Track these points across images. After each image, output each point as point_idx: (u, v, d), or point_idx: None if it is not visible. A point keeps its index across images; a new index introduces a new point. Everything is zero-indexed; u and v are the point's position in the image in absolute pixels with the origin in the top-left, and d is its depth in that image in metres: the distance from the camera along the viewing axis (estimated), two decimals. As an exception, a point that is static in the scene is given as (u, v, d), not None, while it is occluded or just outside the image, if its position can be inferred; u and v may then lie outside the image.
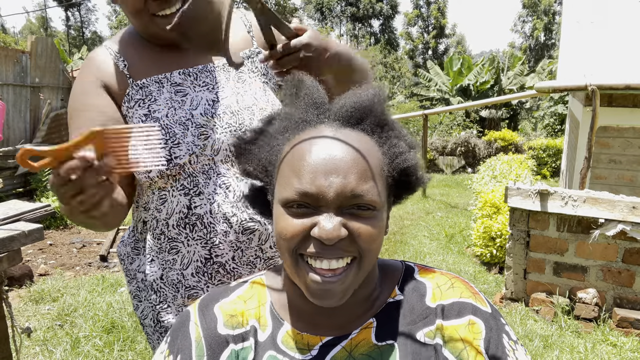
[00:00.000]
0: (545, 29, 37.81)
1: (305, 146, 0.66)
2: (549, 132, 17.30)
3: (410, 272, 0.79)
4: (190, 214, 1.03)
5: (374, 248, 0.66)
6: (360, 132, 0.69)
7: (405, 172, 0.71)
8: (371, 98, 0.71)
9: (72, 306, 3.38)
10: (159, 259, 1.07)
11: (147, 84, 1.06)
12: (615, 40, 5.69)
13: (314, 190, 0.62)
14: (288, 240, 0.65)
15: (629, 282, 3.30)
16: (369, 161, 0.65)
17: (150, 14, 1.00)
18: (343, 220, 0.63)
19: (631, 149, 5.02)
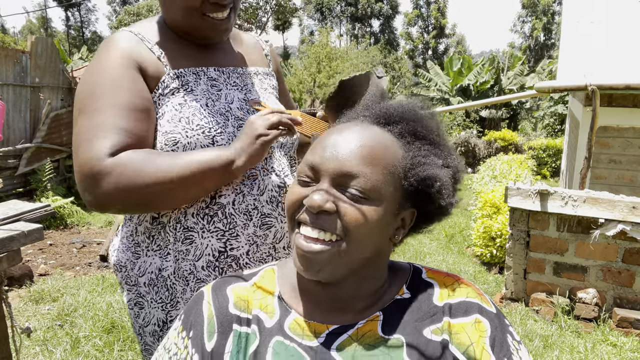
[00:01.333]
0: (544, 29, 37.80)
1: (330, 131, 0.75)
2: (549, 132, 17.29)
3: (418, 273, 0.81)
4: (213, 203, 1.04)
5: (360, 234, 0.68)
6: (386, 132, 0.74)
7: (425, 182, 0.72)
8: (408, 107, 0.78)
9: (72, 306, 3.38)
10: (174, 250, 1.06)
11: (184, 74, 1.07)
12: (615, 40, 5.69)
13: (318, 160, 0.70)
14: (288, 206, 0.72)
15: (629, 282, 3.30)
16: (374, 152, 0.69)
17: (202, 13, 1.03)
18: (335, 196, 0.68)
19: (631, 149, 5.02)
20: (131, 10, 29.45)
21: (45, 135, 7.11)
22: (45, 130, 7.12)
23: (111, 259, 1.18)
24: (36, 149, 6.98)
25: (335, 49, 18.78)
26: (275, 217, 1.08)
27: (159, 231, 1.08)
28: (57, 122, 7.35)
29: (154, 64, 1.05)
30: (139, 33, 1.07)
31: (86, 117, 0.97)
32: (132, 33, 1.07)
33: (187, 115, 1.02)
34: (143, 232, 1.10)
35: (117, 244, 1.17)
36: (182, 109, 1.03)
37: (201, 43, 1.12)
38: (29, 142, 6.95)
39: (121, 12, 33.35)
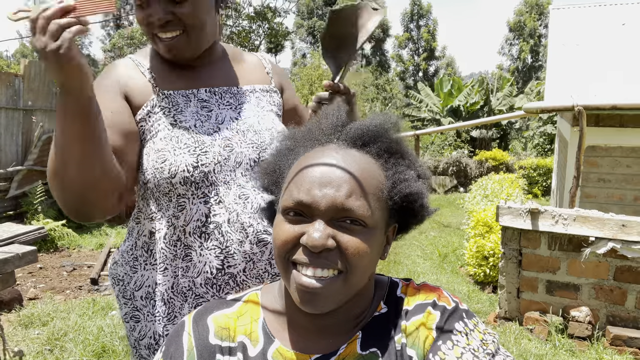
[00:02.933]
0: (531, 52, 38.55)
1: (309, 160, 0.71)
2: (539, 151, 17.48)
3: (395, 288, 0.82)
4: (209, 222, 1.06)
5: (361, 265, 0.68)
6: (365, 154, 0.73)
7: (408, 198, 0.73)
8: (381, 125, 0.76)
9: (62, 330, 3.32)
10: (173, 266, 1.09)
11: (173, 95, 1.11)
12: (600, 61, 5.83)
13: (309, 199, 0.67)
14: (280, 246, 0.69)
15: (621, 300, 3.32)
16: (364, 180, 0.69)
17: (152, 34, 1.08)
18: (333, 232, 0.66)
19: (619, 167, 5.10)
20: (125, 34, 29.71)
21: (37, 158, 7.08)
22: (37, 152, 7.10)
23: (109, 273, 1.20)
24: (27, 172, 6.94)
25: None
26: (270, 234, 1.09)
27: (158, 247, 1.11)
28: (49, 145, 7.30)
29: (144, 86, 1.11)
30: (136, 59, 1.15)
31: None
32: (131, 59, 1.15)
33: (177, 135, 1.07)
34: (142, 246, 1.14)
35: (117, 257, 1.20)
36: (173, 129, 1.08)
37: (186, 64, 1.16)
38: (20, 164, 6.92)
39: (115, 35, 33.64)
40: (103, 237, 7.13)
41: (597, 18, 6.78)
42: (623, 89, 5.11)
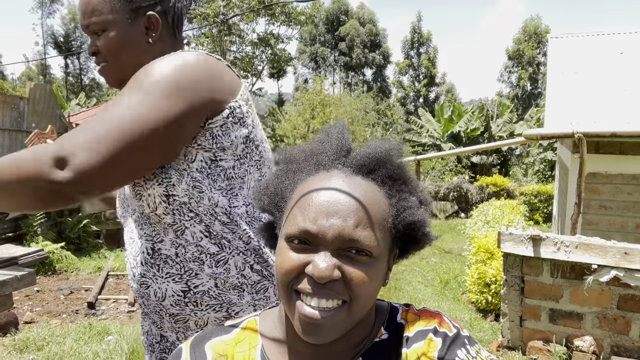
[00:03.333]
0: (530, 79, 39.00)
1: (314, 186, 0.70)
2: (539, 177, 17.50)
3: (395, 313, 0.81)
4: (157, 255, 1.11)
5: (366, 294, 0.68)
6: (370, 181, 0.72)
7: (411, 226, 0.73)
8: (386, 151, 0.74)
9: (58, 355, 3.27)
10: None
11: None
12: (599, 89, 5.90)
13: (315, 229, 0.65)
14: (284, 274, 0.67)
15: (625, 330, 3.27)
16: (371, 210, 0.68)
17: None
18: (338, 262, 0.65)
19: (621, 195, 5.09)
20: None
21: (38, 180, 7.10)
22: (39, 174, 7.12)
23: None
24: (28, 193, 6.94)
25: (329, 96, 19.18)
26: (150, 279, 1.11)
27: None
28: (51, 167, 7.36)
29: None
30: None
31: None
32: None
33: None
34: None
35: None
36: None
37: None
38: (21, 186, 6.92)
39: (120, 59, 34.02)
40: (102, 260, 7.09)
41: (596, 47, 6.89)
42: (622, 117, 5.15)
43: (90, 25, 1.10)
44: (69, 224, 7.53)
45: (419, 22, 41.82)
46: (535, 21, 39.10)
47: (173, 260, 1.06)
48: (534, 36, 38.39)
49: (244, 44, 20.77)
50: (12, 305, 1.36)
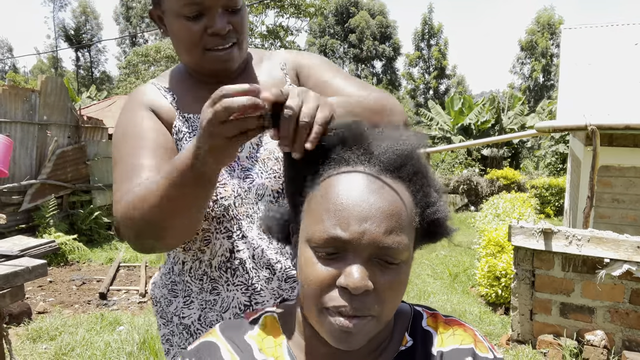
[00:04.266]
0: (543, 71, 38.53)
1: (340, 186, 0.64)
2: (551, 170, 17.33)
3: (418, 319, 0.79)
4: (233, 257, 1.02)
5: (395, 302, 0.66)
6: (397, 179, 0.67)
7: (435, 223, 0.70)
8: (414, 145, 0.69)
9: (70, 345, 3.31)
10: (199, 299, 1.05)
11: (193, 119, 1.07)
12: (613, 81, 5.80)
13: (347, 236, 0.61)
14: (314, 288, 0.63)
15: (637, 324, 3.23)
16: (402, 213, 0.64)
17: (203, 48, 1.01)
18: (370, 271, 0.62)
19: (634, 188, 5.02)
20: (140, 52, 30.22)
21: (50, 172, 7.18)
22: (51, 166, 7.19)
23: (149, 291, 1.17)
24: (41, 186, 7.03)
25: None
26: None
27: (186, 278, 1.07)
28: (63, 159, 7.44)
29: (167, 109, 1.07)
30: (157, 83, 1.12)
31: (116, 166, 1.00)
32: (152, 84, 1.12)
33: None
34: (178, 273, 1.10)
35: (157, 279, 1.16)
36: None
37: (214, 82, 1.08)
38: (34, 178, 7.01)
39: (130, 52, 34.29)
40: (113, 251, 7.17)
41: (609, 38, 6.77)
42: (636, 109, 5.06)
43: (236, 0, 1.00)
44: (80, 215, 7.61)
45: (430, 14, 41.43)
46: (548, 12, 38.54)
47: None
48: (548, 27, 37.86)
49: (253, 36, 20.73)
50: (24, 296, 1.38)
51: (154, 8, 1.07)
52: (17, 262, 1.27)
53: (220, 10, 0.99)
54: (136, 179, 0.94)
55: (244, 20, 1.04)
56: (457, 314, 4.37)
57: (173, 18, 1.00)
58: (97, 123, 8.27)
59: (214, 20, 0.98)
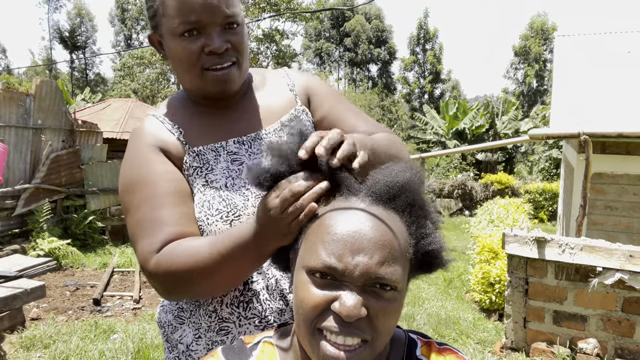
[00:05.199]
0: (537, 76, 38.76)
1: (335, 217, 0.67)
2: (544, 175, 17.44)
3: (413, 347, 0.80)
4: (247, 289, 1.00)
5: (389, 329, 0.67)
6: (391, 210, 0.69)
7: (429, 254, 0.72)
8: (408, 179, 0.71)
9: (64, 354, 3.30)
10: (207, 337, 1.03)
11: (203, 152, 1.03)
12: (606, 88, 5.86)
13: (341, 267, 0.63)
14: (309, 311, 0.65)
15: (630, 332, 3.26)
16: (395, 244, 0.66)
17: (202, 68, 0.98)
18: (365, 299, 0.64)
19: (626, 195, 5.07)
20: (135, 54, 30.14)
21: (44, 176, 7.15)
22: (45, 171, 7.16)
23: (157, 314, 1.14)
24: (34, 190, 7.00)
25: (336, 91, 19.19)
26: None
27: (196, 309, 1.05)
28: (57, 163, 7.41)
29: (175, 145, 1.03)
30: (160, 115, 1.07)
31: (129, 215, 0.98)
32: (155, 117, 1.07)
33: (208, 199, 0.99)
34: (187, 301, 1.07)
35: (165, 302, 1.13)
36: (205, 191, 1.00)
37: (217, 106, 1.07)
38: (28, 182, 6.97)
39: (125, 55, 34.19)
40: (107, 256, 7.14)
41: (603, 46, 6.84)
42: (629, 117, 5.11)
43: (233, 16, 0.97)
44: (74, 220, 7.58)
45: (426, 19, 41.62)
46: (542, 17, 38.82)
47: None
48: (541, 33, 38.13)
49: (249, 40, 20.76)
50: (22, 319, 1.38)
51: (153, 33, 1.04)
52: (15, 284, 1.26)
53: (219, 28, 0.96)
54: (159, 233, 0.92)
55: (244, 38, 1.01)
56: (451, 321, 4.39)
57: (171, 39, 0.98)
58: (91, 127, 8.25)
59: (211, 38, 0.96)
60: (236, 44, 0.99)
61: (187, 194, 1.00)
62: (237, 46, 0.99)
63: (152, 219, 0.93)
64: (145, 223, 0.94)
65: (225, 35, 0.98)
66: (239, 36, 0.99)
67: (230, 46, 0.98)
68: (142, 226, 0.94)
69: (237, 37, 0.99)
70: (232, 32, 0.98)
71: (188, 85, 1.05)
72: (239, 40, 0.99)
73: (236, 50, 1.00)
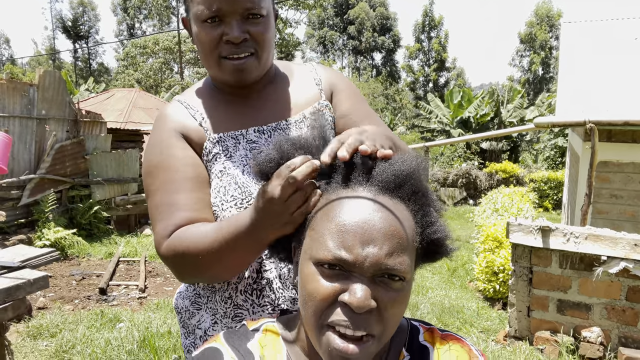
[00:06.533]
0: (542, 63, 38.44)
1: (343, 207, 0.66)
2: (549, 164, 17.35)
3: (415, 334, 0.80)
4: (260, 277, 1.01)
5: (397, 320, 0.67)
6: (397, 199, 0.68)
7: (434, 243, 0.72)
8: (414, 167, 0.70)
9: (70, 342, 3.33)
10: (223, 323, 1.05)
11: (223, 139, 1.04)
12: (613, 76, 5.79)
13: (351, 258, 0.62)
14: (318, 303, 0.64)
15: (634, 321, 3.26)
16: (403, 234, 0.65)
17: (219, 56, 0.99)
18: (374, 290, 0.63)
19: (632, 184, 5.04)
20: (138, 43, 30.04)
21: (49, 167, 7.17)
22: (50, 161, 7.19)
23: (174, 300, 1.17)
24: (40, 180, 7.03)
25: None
26: None
27: (212, 295, 1.07)
28: (62, 154, 7.43)
29: (196, 131, 1.04)
30: (184, 101, 1.09)
31: (149, 198, 1.01)
32: (179, 102, 1.08)
33: (224, 185, 1.00)
34: (204, 287, 1.08)
35: (182, 288, 1.16)
36: (221, 177, 1.01)
37: (239, 94, 1.08)
38: (32, 173, 7.00)
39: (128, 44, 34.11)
40: (113, 246, 7.18)
41: (609, 32, 6.75)
42: (636, 105, 5.06)
43: (255, 7, 0.96)
44: (79, 210, 7.62)
45: (431, 6, 41.23)
46: (547, 4, 38.37)
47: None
48: (547, 19, 37.70)
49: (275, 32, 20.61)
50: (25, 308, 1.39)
51: (186, 15, 1.06)
52: (18, 274, 1.27)
53: (239, 17, 0.96)
54: (173, 218, 0.95)
55: (266, 30, 1.00)
56: (455, 310, 4.40)
57: (195, 23, 1.00)
58: (95, 117, 8.25)
59: (230, 27, 0.96)
60: (256, 35, 0.98)
61: (205, 179, 1.02)
62: (257, 37, 0.99)
63: (169, 203, 0.96)
64: (161, 207, 0.97)
65: (246, 26, 0.97)
66: (261, 27, 0.98)
67: (248, 37, 0.98)
68: (158, 209, 0.97)
69: (258, 28, 0.98)
70: (254, 22, 0.98)
71: (209, 71, 1.06)
72: (259, 31, 0.98)
73: (255, 41, 0.99)
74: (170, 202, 0.97)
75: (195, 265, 0.90)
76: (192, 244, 0.89)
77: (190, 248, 0.89)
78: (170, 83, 26.09)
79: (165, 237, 0.94)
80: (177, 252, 0.91)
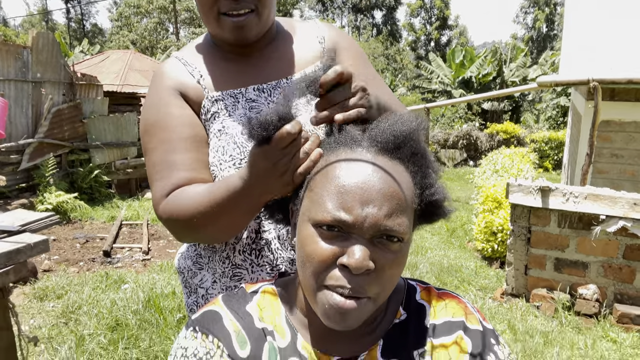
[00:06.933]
0: (547, 20, 37.53)
1: (342, 168, 0.66)
2: (551, 124, 17.24)
3: (412, 292, 0.80)
4: (259, 238, 1.01)
5: (394, 282, 0.67)
6: (396, 160, 0.68)
7: (433, 204, 0.71)
8: (413, 127, 0.70)
9: (77, 303, 3.41)
10: (222, 282, 1.05)
11: (222, 98, 1.02)
12: (617, 33, 5.65)
13: (351, 219, 0.62)
14: (316, 265, 0.64)
15: (630, 278, 3.32)
16: (402, 195, 0.65)
17: (218, 12, 0.96)
18: (372, 250, 0.63)
19: (633, 143, 5.01)
20: (131, 3, 29.25)
21: (47, 131, 7.13)
22: (48, 125, 7.13)
23: (175, 261, 1.18)
24: (38, 144, 7.00)
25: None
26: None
27: (212, 254, 1.07)
28: (59, 117, 7.36)
29: (194, 89, 1.02)
30: (182, 57, 1.06)
31: (147, 157, 1.00)
32: (177, 59, 1.06)
33: (223, 145, 0.99)
34: (204, 247, 1.09)
35: (183, 249, 1.16)
36: (220, 137, 1.00)
37: (238, 52, 1.06)
38: (31, 137, 6.97)
39: (121, 4, 33.22)
40: (115, 209, 7.23)
41: (617, -13, 6.54)
42: None
43: None
44: (80, 174, 7.63)
45: (432, -40, 39.89)
46: (554, -43, 37.10)
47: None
48: (553, -26, 36.55)
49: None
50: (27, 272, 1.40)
51: None
52: (18, 238, 1.28)
53: None
54: (170, 178, 0.95)
55: None
56: (453, 269, 4.47)
57: None
58: (91, 80, 8.13)
59: None
60: None
61: (202, 139, 1.01)
62: None
63: (166, 163, 0.96)
64: (158, 166, 0.96)
65: None
66: None
67: None
68: (155, 169, 0.97)
69: None
70: None
71: (209, 29, 1.03)
72: None
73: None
74: (167, 162, 0.96)
75: (190, 226, 0.90)
76: (186, 206, 0.89)
77: (184, 210, 0.89)
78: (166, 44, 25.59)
79: (163, 197, 0.94)
80: (172, 213, 0.91)
